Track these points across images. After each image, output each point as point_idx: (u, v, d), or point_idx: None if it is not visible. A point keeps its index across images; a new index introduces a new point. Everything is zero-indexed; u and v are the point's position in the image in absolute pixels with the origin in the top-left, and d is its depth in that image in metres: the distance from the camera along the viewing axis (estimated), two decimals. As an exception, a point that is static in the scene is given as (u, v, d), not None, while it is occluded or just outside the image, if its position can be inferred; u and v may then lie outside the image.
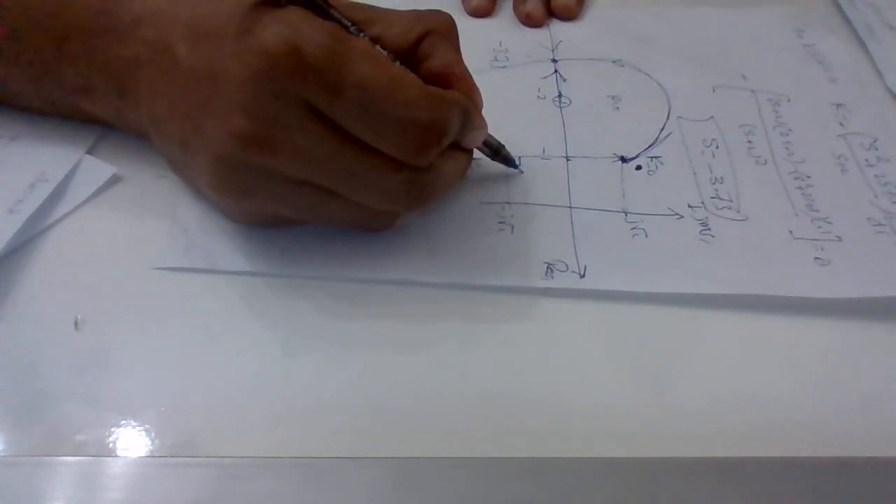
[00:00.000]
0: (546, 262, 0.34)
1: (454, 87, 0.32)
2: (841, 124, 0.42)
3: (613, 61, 0.46)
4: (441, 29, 0.33)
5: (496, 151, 0.37)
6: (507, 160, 0.37)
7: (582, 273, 0.34)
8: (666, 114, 0.42)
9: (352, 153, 0.29)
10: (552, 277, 0.33)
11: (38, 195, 0.34)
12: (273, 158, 0.29)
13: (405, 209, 0.33)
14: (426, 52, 0.33)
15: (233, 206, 0.33)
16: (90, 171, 0.36)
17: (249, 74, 0.28)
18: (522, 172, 0.38)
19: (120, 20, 0.33)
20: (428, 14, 0.34)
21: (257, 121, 0.28)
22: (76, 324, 0.31)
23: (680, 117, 0.42)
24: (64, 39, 0.34)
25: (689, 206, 0.37)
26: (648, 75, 0.45)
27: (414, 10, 0.33)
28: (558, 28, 0.48)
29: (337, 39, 0.28)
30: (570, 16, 0.49)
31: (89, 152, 0.37)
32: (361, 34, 0.31)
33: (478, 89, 0.33)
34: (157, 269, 0.33)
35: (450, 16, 0.34)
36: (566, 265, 0.34)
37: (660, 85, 0.44)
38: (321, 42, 0.28)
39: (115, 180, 0.36)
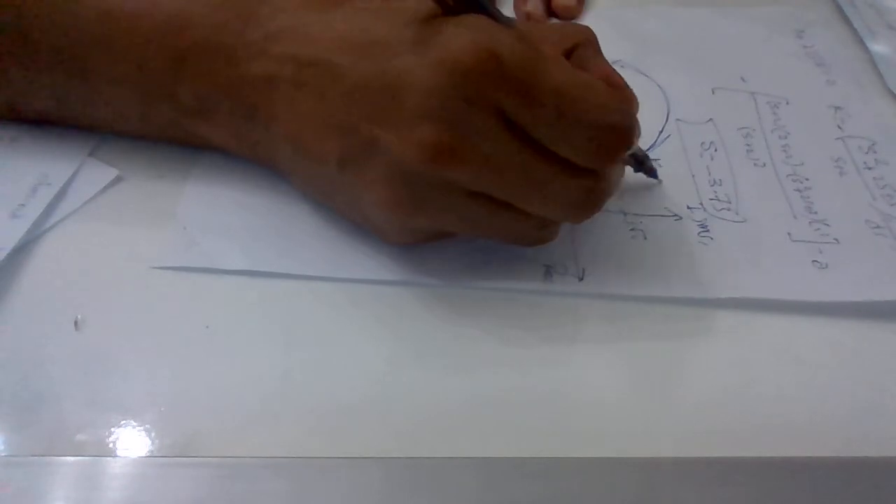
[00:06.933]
0: (545, 265, 0.34)
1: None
2: (839, 127, 0.42)
3: (613, 62, 0.45)
4: (589, 41, 0.33)
5: (640, 162, 0.36)
6: (651, 171, 0.36)
7: (581, 276, 0.34)
8: (665, 116, 0.42)
9: (536, 161, 0.29)
10: (552, 280, 0.33)
11: (41, 199, 0.34)
12: (459, 168, 0.28)
13: (579, 218, 0.32)
14: (580, 62, 0.32)
15: (399, 224, 0.32)
16: (92, 174, 0.36)
17: (439, 82, 0.27)
18: (661, 182, 0.38)
19: (248, 38, 0.32)
20: (572, 26, 0.34)
21: (446, 129, 0.28)
22: (76, 324, 0.31)
23: (679, 120, 0.42)
24: (182, 60, 0.32)
25: (688, 208, 0.37)
26: (648, 76, 0.45)
27: (555, 23, 0.33)
28: (558, 29, 0.48)
29: (530, 45, 0.28)
30: (570, 16, 0.49)
31: (91, 153, 0.37)
32: None
33: (636, 97, 0.33)
34: (157, 268, 0.33)
35: (591, 29, 0.34)
36: (565, 267, 0.34)
37: (659, 87, 0.44)
38: (518, 48, 0.27)
39: (115, 181, 0.36)
